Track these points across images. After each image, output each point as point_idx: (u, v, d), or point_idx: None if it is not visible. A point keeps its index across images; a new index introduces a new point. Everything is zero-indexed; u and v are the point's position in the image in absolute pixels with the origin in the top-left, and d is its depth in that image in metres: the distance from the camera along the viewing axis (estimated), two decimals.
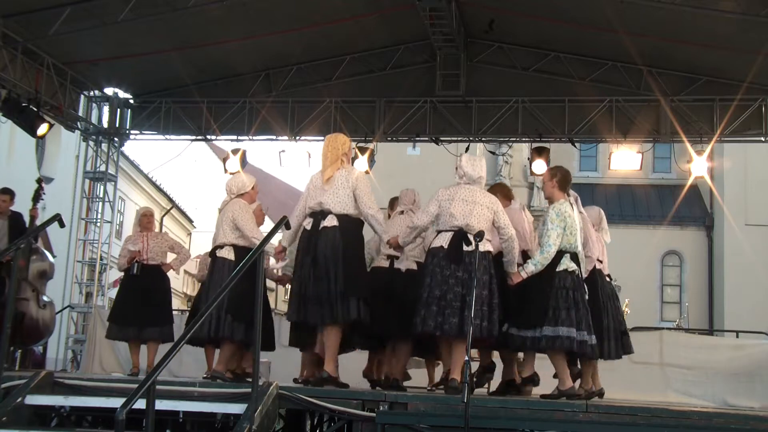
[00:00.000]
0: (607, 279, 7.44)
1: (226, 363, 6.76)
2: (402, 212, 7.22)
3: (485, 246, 6.14)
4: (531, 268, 6.19)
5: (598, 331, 6.65)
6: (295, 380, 7.38)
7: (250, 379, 5.31)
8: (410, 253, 6.99)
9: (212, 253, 7.02)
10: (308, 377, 7.01)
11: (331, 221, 6.17)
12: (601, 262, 7.14)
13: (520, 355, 6.92)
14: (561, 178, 6.43)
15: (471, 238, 5.91)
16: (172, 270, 8.57)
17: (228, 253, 6.85)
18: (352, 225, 6.26)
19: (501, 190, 7.23)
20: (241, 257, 6.63)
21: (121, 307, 8.41)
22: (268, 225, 7.05)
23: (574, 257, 6.30)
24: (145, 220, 8.52)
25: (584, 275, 6.57)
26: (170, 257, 8.59)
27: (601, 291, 6.87)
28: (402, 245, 6.51)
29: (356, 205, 6.26)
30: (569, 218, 6.27)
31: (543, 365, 6.62)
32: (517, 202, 7.32)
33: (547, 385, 6.63)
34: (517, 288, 6.28)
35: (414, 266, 7.04)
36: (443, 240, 6.15)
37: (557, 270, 6.20)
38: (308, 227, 6.27)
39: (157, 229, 9.00)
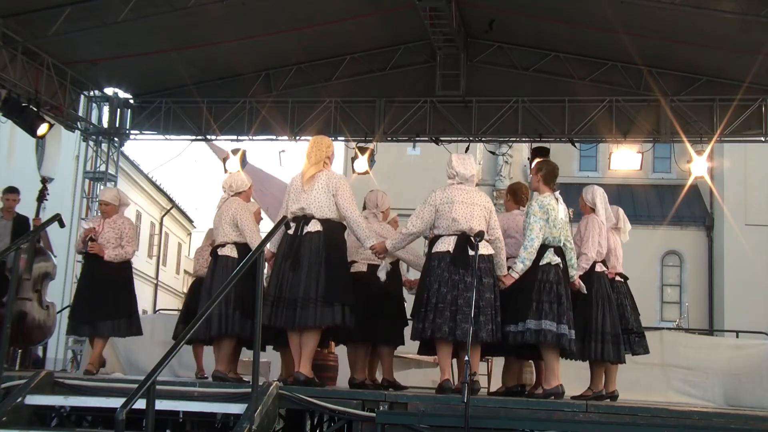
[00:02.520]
0: (618, 279, 7.35)
1: (227, 362, 6.74)
2: (366, 217, 7.00)
3: (487, 249, 6.13)
4: (520, 266, 6.16)
5: (586, 333, 6.64)
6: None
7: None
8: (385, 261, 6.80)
9: (213, 252, 6.94)
10: (285, 377, 6.74)
11: (314, 226, 6.09)
12: (603, 263, 7.06)
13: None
14: (546, 173, 6.43)
15: (472, 240, 5.89)
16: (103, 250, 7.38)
17: (231, 251, 6.77)
18: (334, 229, 6.20)
19: (516, 192, 7.19)
20: (243, 254, 6.58)
21: (75, 302, 7.85)
22: (267, 225, 7.02)
23: (558, 251, 6.27)
24: (102, 205, 7.71)
25: (580, 272, 6.56)
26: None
27: (596, 293, 6.83)
28: (390, 250, 6.38)
29: (338, 209, 6.20)
30: (552, 210, 6.24)
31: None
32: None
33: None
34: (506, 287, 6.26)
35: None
36: (447, 244, 6.10)
37: (540, 264, 6.18)
38: (290, 232, 6.19)
39: (125, 217, 7.87)
